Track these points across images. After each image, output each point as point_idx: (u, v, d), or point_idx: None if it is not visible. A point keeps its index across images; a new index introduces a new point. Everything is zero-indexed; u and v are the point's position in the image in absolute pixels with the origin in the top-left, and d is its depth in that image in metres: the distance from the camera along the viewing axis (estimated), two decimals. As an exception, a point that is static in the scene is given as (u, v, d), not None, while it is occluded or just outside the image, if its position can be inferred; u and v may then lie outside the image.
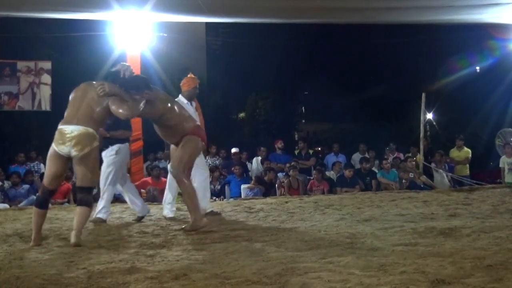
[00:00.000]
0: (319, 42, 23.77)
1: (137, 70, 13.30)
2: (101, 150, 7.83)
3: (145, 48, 13.86)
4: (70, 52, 18.03)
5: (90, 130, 6.18)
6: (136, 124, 11.87)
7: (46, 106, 14.34)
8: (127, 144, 8.38)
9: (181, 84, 8.93)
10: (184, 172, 6.99)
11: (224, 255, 5.07)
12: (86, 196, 6.23)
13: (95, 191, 7.55)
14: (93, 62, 16.87)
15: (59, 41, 17.35)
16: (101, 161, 7.90)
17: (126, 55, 13.55)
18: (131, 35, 13.18)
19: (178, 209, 9.86)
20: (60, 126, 6.21)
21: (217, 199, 12.17)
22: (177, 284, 3.95)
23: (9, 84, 14.31)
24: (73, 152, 6.09)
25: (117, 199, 9.77)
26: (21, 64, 14.42)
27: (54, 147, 6.17)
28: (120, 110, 6.36)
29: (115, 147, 8.11)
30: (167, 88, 16.79)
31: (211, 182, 13.17)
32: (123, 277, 4.20)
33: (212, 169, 13.55)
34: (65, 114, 6.30)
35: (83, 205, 6.21)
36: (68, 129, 6.14)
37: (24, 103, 14.40)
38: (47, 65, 14.58)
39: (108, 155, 8.09)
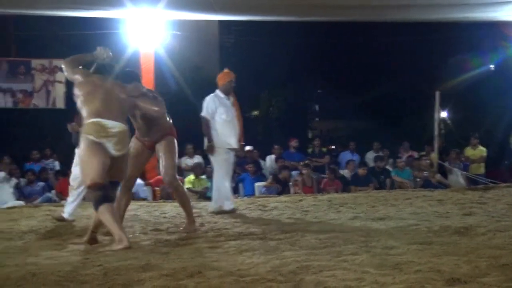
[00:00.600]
0: (332, 40, 23.73)
1: (150, 69, 13.38)
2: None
3: (158, 46, 13.89)
4: (83, 50, 18.09)
5: (126, 128, 5.94)
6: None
7: (60, 103, 14.40)
8: None
9: (217, 80, 8.97)
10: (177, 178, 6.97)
11: (238, 253, 5.08)
12: (114, 191, 5.99)
13: None
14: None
15: (73, 39, 17.41)
16: None
17: (139, 53, 13.59)
18: (144, 33, 13.21)
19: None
20: (96, 119, 5.75)
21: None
22: (191, 281, 3.96)
23: (24, 82, 14.38)
24: (113, 151, 5.75)
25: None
26: (35, 62, 14.49)
27: (94, 138, 5.69)
28: (156, 108, 6.42)
29: None
30: (180, 86, 16.86)
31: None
32: (138, 274, 4.21)
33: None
34: (91, 107, 5.82)
35: (110, 201, 5.76)
36: (109, 124, 5.75)
37: (38, 101, 14.47)
38: (61, 62, 14.65)
39: None
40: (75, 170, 7.67)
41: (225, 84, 8.84)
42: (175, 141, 7.02)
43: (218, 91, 8.86)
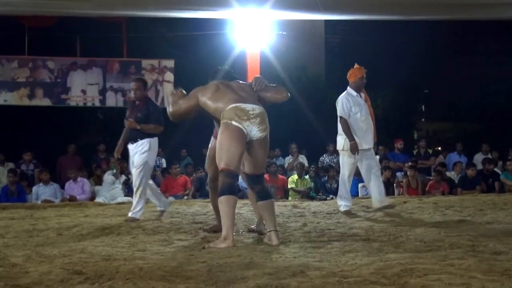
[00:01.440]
0: (440, 39, 23.18)
1: (256, 68, 13.52)
2: (126, 143, 8.28)
3: (264, 46, 14.01)
4: (191, 51, 18.45)
5: (265, 110, 5.76)
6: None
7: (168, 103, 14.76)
8: (156, 138, 8.29)
9: (347, 76, 8.81)
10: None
11: (341, 254, 5.04)
12: (265, 185, 5.90)
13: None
14: (213, 60, 17.20)
15: (182, 40, 17.80)
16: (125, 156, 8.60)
17: (245, 53, 13.76)
18: (250, 33, 13.36)
19: (294, 206, 9.93)
20: (234, 104, 5.64)
21: (334, 197, 12.13)
22: (294, 280, 3.96)
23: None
24: (257, 133, 5.61)
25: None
26: (145, 63, 14.88)
27: (236, 124, 5.54)
28: (284, 94, 6.11)
29: (146, 141, 8.11)
30: (286, 85, 16.90)
31: (327, 181, 13.18)
32: (241, 272, 4.25)
33: (327, 168, 13.52)
34: (225, 99, 5.73)
35: (269, 197, 5.76)
36: (249, 107, 5.65)
37: (147, 100, 14.87)
38: (170, 63, 14.97)
39: (139, 150, 8.11)
40: (135, 172, 8.15)
41: (356, 80, 8.64)
42: None
43: (349, 89, 8.65)
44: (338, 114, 8.63)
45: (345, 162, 8.66)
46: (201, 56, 18.29)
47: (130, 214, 8.03)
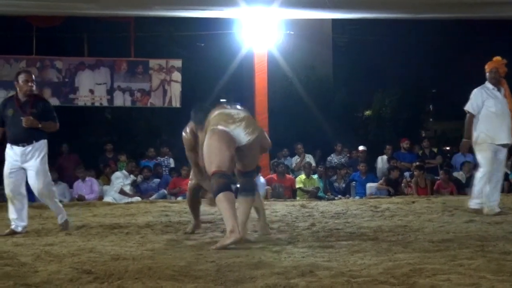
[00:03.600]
0: (448, 38, 23.11)
1: (264, 68, 13.52)
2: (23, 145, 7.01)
3: (272, 46, 14.01)
4: (199, 51, 18.49)
5: (250, 115, 5.92)
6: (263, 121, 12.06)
7: (176, 103, 14.71)
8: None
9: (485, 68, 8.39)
10: None
11: (350, 254, 5.04)
12: (252, 180, 6.01)
13: None
14: (220, 60, 17.23)
15: (189, 39, 17.83)
16: None
17: (253, 53, 13.76)
18: (258, 33, 13.36)
19: (303, 206, 9.94)
20: (218, 111, 5.82)
21: (341, 197, 12.14)
22: (303, 280, 3.97)
23: (141, 81, 14.78)
24: (245, 136, 5.70)
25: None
26: (153, 62, 14.86)
27: (222, 128, 5.65)
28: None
29: (44, 142, 7.13)
30: (294, 86, 16.90)
31: (335, 180, 13.18)
32: (250, 272, 4.26)
33: (338, 167, 13.52)
34: (213, 110, 5.92)
35: (249, 192, 5.87)
36: (233, 111, 5.83)
37: (155, 100, 14.84)
38: (178, 63, 14.95)
39: (38, 152, 7.02)
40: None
41: (488, 73, 8.27)
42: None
43: (486, 82, 8.28)
44: (465, 107, 8.32)
45: (480, 158, 8.23)
46: (208, 56, 18.33)
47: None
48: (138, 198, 12.01)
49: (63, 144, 14.21)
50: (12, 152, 6.97)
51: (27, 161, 6.95)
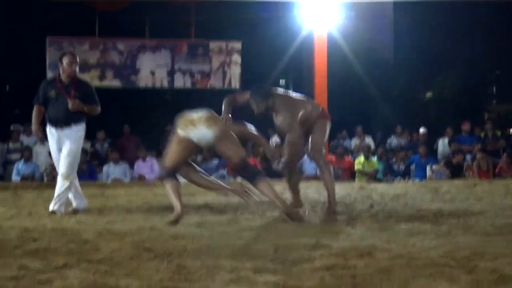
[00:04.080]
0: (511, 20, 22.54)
1: (323, 50, 13.41)
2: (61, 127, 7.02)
3: (332, 28, 13.88)
4: (258, 33, 18.45)
5: (211, 113, 6.25)
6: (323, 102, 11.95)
7: (236, 84, 14.77)
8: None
9: None
10: (324, 156, 6.81)
11: (409, 236, 4.97)
12: (249, 170, 6.34)
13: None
14: (280, 42, 17.17)
15: (249, 22, 17.81)
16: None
17: (313, 35, 13.65)
18: (318, 15, 13.24)
19: (361, 187, 9.85)
20: (182, 118, 6.24)
21: (401, 179, 12.01)
22: (361, 261, 3.93)
23: (202, 63, 14.87)
24: (211, 134, 6.06)
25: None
26: (213, 45, 14.92)
27: (183, 134, 6.11)
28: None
29: (83, 125, 7.16)
30: (353, 68, 16.74)
31: (395, 163, 13.03)
32: (308, 252, 4.25)
33: (397, 150, 13.37)
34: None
35: (257, 178, 6.21)
36: (194, 115, 6.20)
37: (215, 82, 14.92)
38: (238, 45, 14.98)
39: (75, 134, 7.06)
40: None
41: None
42: (327, 123, 6.73)
43: None
44: None
45: None
46: (268, 38, 18.28)
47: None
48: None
49: (124, 125, 14.43)
50: (50, 134, 7.04)
51: (64, 142, 6.97)
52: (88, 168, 12.34)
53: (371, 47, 17.57)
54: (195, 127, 6.09)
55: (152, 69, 14.84)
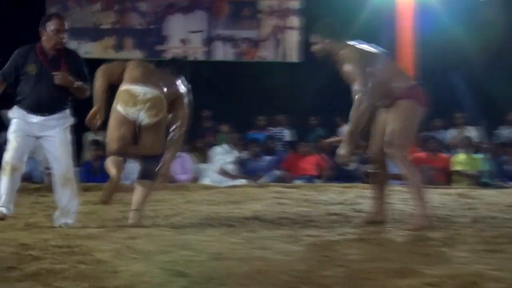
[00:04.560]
0: None
1: (409, 14, 13.31)
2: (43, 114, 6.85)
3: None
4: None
5: (161, 95, 6.89)
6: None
7: (293, 56, 14.75)
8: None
9: None
10: (402, 150, 6.72)
11: (527, 261, 4.93)
12: (152, 166, 7.01)
13: None
14: (351, 3, 17.06)
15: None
16: None
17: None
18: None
19: (461, 195, 9.76)
20: (125, 87, 6.85)
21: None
22: (464, 295, 3.92)
23: (248, 28, 14.88)
24: (145, 119, 6.79)
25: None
26: (263, 4, 14.92)
27: (120, 109, 6.80)
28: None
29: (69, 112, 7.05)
30: (453, 36, 16.52)
31: (507, 161, 12.88)
32: (392, 281, 4.23)
33: (510, 144, 13.22)
34: (134, 73, 6.96)
35: (146, 178, 7.07)
36: (139, 90, 6.80)
37: (265, 53, 14.93)
38: (295, 4, 14.94)
39: (62, 124, 6.95)
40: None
41: None
42: (412, 105, 6.79)
43: None
44: None
45: None
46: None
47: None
48: (243, 181, 12.15)
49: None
50: (23, 122, 6.76)
51: (46, 131, 6.82)
52: (101, 166, 12.43)
53: (475, 9, 17.31)
54: (135, 106, 6.79)
55: (183, 37, 14.95)
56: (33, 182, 11.62)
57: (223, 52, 15.06)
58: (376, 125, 6.96)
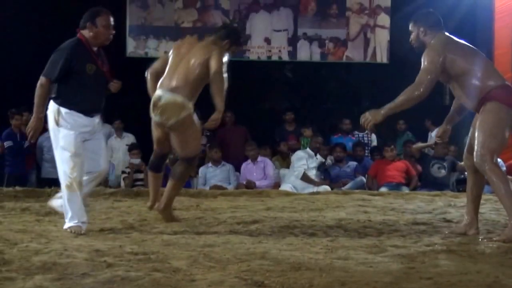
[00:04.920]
0: None
1: (508, 9, 13.12)
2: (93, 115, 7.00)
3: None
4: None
5: (179, 99, 7.29)
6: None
7: (382, 56, 14.64)
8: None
9: None
10: (491, 159, 6.50)
11: None
12: (179, 167, 7.63)
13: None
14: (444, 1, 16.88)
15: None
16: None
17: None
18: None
19: None
20: (156, 92, 7.42)
21: None
22: None
23: (335, 27, 14.82)
24: (163, 122, 7.36)
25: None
26: (352, 1, 14.84)
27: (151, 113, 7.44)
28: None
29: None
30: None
31: None
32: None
33: None
34: (161, 73, 7.55)
35: (173, 177, 7.62)
36: (158, 95, 7.35)
37: (353, 53, 14.85)
38: (386, 1, 14.82)
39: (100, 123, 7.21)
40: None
41: None
42: (499, 108, 6.59)
43: None
44: None
45: None
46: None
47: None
48: (326, 187, 12.13)
49: (226, 113, 14.45)
50: (78, 132, 6.77)
51: (96, 132, 7.03)
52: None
53: None
54: (153, 111, 7.38)
55: (267, 35, 14.94)
56: (109, 186, 11.79)
57: (308, 52, 15.02)
58: (471, 130, 6.86)
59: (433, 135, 12.90)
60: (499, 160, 7.84)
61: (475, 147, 6.57)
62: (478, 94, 6.62)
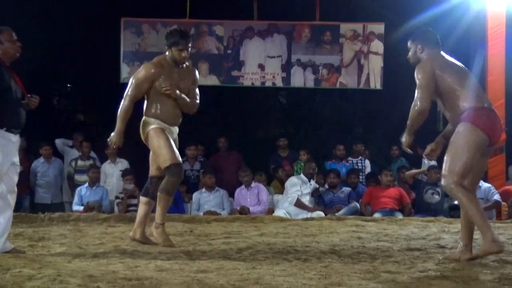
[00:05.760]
0: None
1: (500, 36, 13.18)
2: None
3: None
4: (405, 12, 18.29)
5: (144, 118, 7.97)
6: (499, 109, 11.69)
7: (376, 83, 14.64)
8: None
9: None
10: (457, 182, 6.52)
11: None
12: (164, 179, 7.87)
13: None
14: (444, 21, 16.92)
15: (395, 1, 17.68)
16: None
17: (485, 14, 13.45)
18: (494, -14, 13.07)
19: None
20: None
21: None
22: None
23: (329, 53, 14.81)
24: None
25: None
26: (345, 27, 14.84)
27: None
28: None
29: None
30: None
31: None
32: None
33: None
34: None
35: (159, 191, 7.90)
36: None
37: (347, 79, 14.82)
38: (379, 28, 14.83)
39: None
40: None
41: None
42: (471, 129, 6.59)
43: None
44: None
45: None
46: (423, 19, 18.08)
47: None
48: (320, 213, 12.12)
49: (220, 138, 14.48)
50: (11, 143, 6.95)
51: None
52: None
53: None
54: None
55: (261, 62, 14.93)
56: (103, 211, 11.80)
57: (302, 78, 14.97)
58: None
59: (426, 161, 12.92)
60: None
61: (442, 169, 6.66)
62: (456, 113, 6.69)
